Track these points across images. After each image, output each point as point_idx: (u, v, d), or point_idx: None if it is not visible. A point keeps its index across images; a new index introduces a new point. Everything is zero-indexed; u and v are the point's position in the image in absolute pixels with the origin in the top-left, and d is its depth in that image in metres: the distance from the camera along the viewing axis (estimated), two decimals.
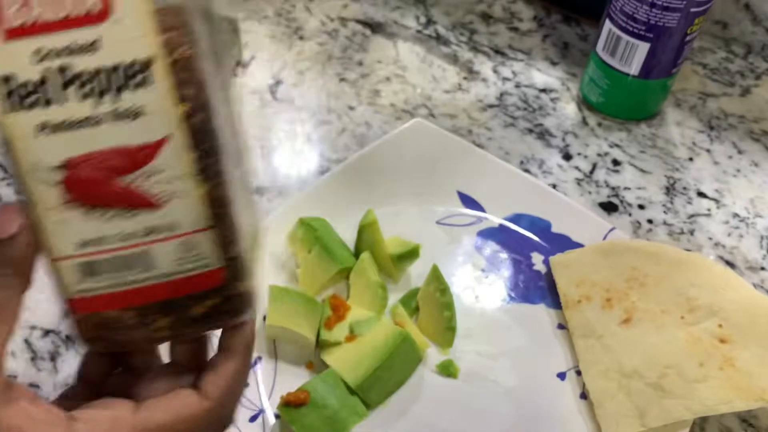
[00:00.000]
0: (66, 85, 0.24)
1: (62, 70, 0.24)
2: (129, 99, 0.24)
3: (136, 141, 0.25)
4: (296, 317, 0.48)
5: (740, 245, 0.58)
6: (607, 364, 0.48)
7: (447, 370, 0.49)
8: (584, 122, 0.68)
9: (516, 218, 0.58)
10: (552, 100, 0.70)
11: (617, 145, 0.66)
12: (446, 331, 0.50)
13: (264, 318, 0.50)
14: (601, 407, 0.47)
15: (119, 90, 0.24)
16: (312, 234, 0.52)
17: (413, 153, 0.60)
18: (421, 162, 0.60)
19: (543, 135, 0.67)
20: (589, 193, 0.62)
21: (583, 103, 0.70)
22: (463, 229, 0.58)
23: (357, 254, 0.54)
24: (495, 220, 0.58)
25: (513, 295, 0.54)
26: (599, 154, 0.65)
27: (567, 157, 0.65)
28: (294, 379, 0.47)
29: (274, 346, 0.49)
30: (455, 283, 0.54)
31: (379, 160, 0.59)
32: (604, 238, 0.55)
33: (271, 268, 0.53)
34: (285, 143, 0.65)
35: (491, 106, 0.69)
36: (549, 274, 0.54)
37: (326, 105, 0.68)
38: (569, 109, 0.69)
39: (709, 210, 0.61)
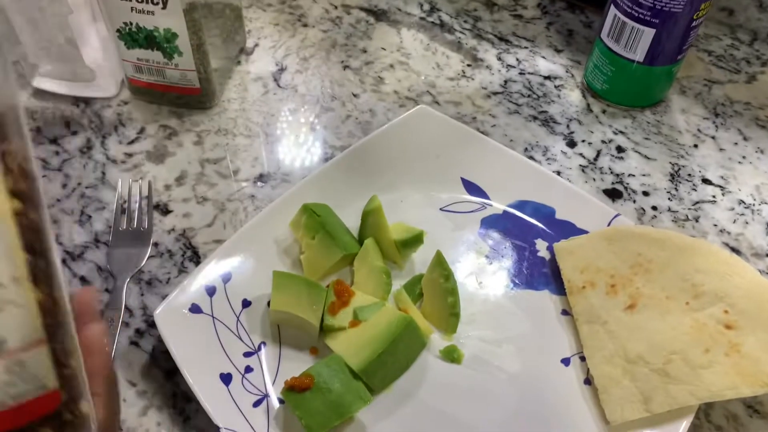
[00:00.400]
0: None
1: None
2: None
3: None
4: (300, 302, 0.48)
5: (746, 232, 0.58)
6: (611, 349, 0.48)
7: (451, 355, 0.49)
8: (588, 109, 0.68)
9: (520, 205, 0.58)
10: (556, 87, 0.70)
11: (622, 132, 0.66)
12: (450, 317, 0.50)
13: (268, 303, 0.50)
14: (605, 393, 0.46)
15: None
16: (315, 220, 0.51)
17: (417, 140, 0.60)
18: (426, 149, 0.60)
19: (547, 122, 0.66)
20: (594, 180, 0.62)
21: (588, 90, 0.69)
22: (467, 216, 0.57)
23: (361, 241, 0.54)
24: (499, 206, 0.58)
25: (517, 281, 0.54)
26: (603, 141, 0.65)
27: (571, 144, 0.64)
28: (298, 364, 0.47)
29: (278, 332, 0.49)
30: (459, 270, 0.54)
31: (383, 147, 0.59)
32: (609, 224, 0.55)
33: (275, 255, 0.53)
34: (289, 130, 0.64)
35: (495, 93, 0.69)
36: (553, 261, 0.54)
37: (330, 92, 0.68)
38: (573, 97, 0.69)
39: (714, 197, 0.61)
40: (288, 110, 0.66)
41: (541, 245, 0.56)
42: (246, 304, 0.50)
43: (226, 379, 0.46)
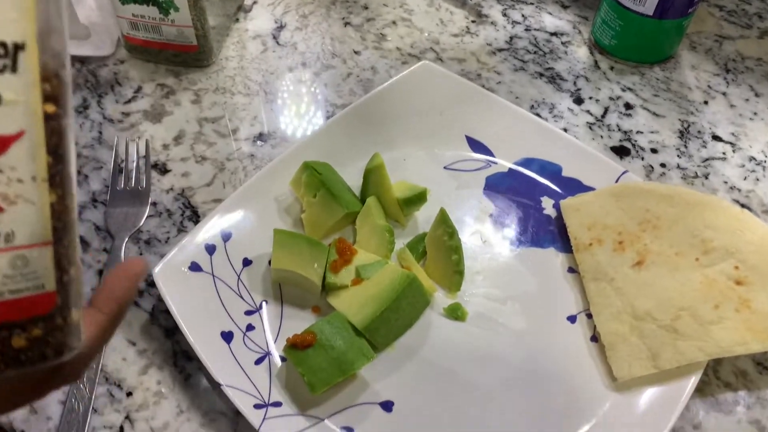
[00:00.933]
0: None
1: None
2: None
3: None
4: (302, 261, 0.47)
5: (756, 189, 0.57)
6: (619, 306, 0.47)
7: (455, 313, 0.48)
8: (596, 66, 0.66)
9: (526, 162, 0.56)
10: (563, 43, 0.68)
11: (630, 89, 0.64)
12: (454, 275, 0.49)
13: (269, 262, 0.49)
14: (612, 350, 0.46)
15: None
16: (316, 178, 0.50)
17: (421, 97, 0.58)
18: (429, 106, 0.58)
19: (554, 79, 0.65)
20: (601, 137, 0.60)
21: (595, 46, 0.67)
22: (472, 174, 0.56)
23: (363, 199, 0.52)
24: (504, 164, 0.57)
25: (522, 239, 0.52)
26: (611, 98, 0.63)
27: (578, 101, 0.63)
28: (300, 323, 0.46)
29: (279, 291, 0.48)
30: (463, 229, 0.53)
31: (385, 104, 0.57)
32: (616, 181, 0.53)
33: (275, 214, 0.52)
34: (289, 89, 0.63)
35: (500, 50, 0.67)
36: (559, 218, 0.53)
37: (330, 49, 0.66)
38: (581, 53, 0.67)
39: (724, 153, 0.59)
40: (287, 68, 0.64)
41: (547, 203, 0.55)
42: (247, 262, 0.49)
43: (227, 337, 0.45)
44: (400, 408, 0.44)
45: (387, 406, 0.44)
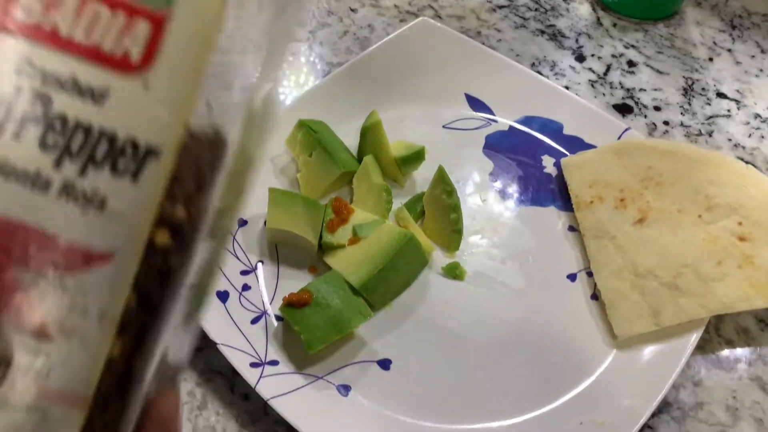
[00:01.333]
0: (34, 119, 0.16)
1: (42, 98, 0.16)
2: (100, 182, 0.17)
3: (74, 237, 0.17)
4: (297, 220, 0.46)
5: (761, 146, 0.56)
6: (620, 264, 0.47)
7: (453, 272, 0.47)
8: (598, 23, 0.64)
9: (527, 120, 0.55)
10: (564, 0, 0.66)
11: (633, 46, 0.63)
12: (452, 234, 0.48)
13: (265, 222, 0.48)
14: (613, 307, 0.45)
15: (95, 164, 0.17)
16: (312, 137, 0.49)
17: (419, 54, 0.57)
18: (427, 63, 0.57)
19: (555, 36, 0.63)
20: (603, 95, 0.59)
21: (598, 3, 0.66)
22: (471, 133, 0.55)
23: (360, 158, 0.52)
24: (505, 122, 0.55)
25: (522, 198, 0.52)
26: (614, 56, 0.62)
27: (580, 58, 0.61)
28: (296, 282, 0.46)
29: (275, 251, 0.48)
30: (463, 188, 0.52)
31: (383, 62, 0.56)
32: (618, 138, 0.52)
33: (270, 173, 0.51)
34: None
35: (501, 6, 0.65)
36: (560, 177, 0.52)
37: (326, 6, 0.65)
38: (583, 10, 0.66)
39: (729, 111, 0.58)
40: None
41: (547, 161, 0.54)
42: (242, 223, 0.48)
43: (222, 296, 0.44)
44: (397, 366, 0.43)
45: (384, 364, 0.43)
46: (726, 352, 0.45)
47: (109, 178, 0.17)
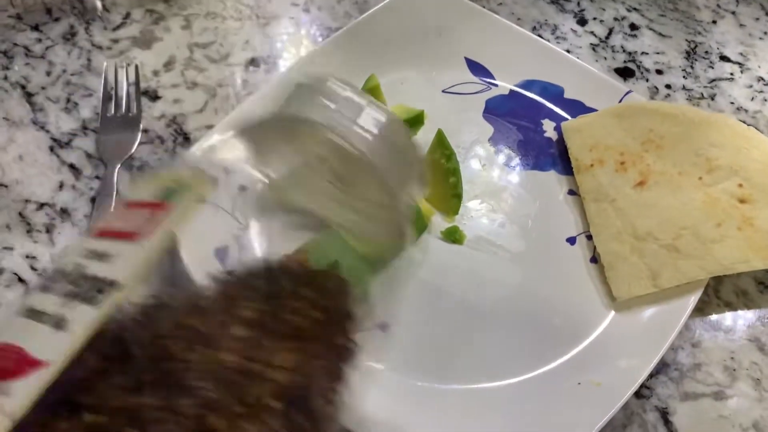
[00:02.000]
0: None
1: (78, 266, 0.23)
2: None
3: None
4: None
5: (764, 109, 0.55)
6: (619, 227, 0.46)
7: (452, 236, 0.47)
8: None
9: (527, 84, 0.55)
10: None
11: (635, 9, 0.62)
12: (452, 198, 0.48)
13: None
14: (612, 269, 0.45)
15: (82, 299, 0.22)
16: None
17: (418, 17, 0.56)
18: (427, 27, 0.56)
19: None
20: (605, 58, 0.58)
21: None
22: (471, 98, 0.55)
23: None
24: (505, 86, 0.55)
25: (522, 162, 0.51)
26: (616, 19, 0.61)
27: (582, 21, 0.61)
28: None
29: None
30: (462, 153, 0.51)
31: (382, 25, 0.55)
32: (620, 101, 0.52)
33: None
34: (281, 12, 0.61)
35: None
36: (560, 141, 0.52)
37: None
38: None
39: (732, 74, 0.57)
40: None
41: (548, 126, 0.53)
42: (241, 188, 0.48)
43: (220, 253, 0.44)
44: (397, 329, 0.43)
45: (383, 327, 0.44)
46: (725, 314, 0.45)
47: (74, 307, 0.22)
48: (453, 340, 0.43)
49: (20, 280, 0.45)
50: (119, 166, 0.50)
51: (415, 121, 0.50)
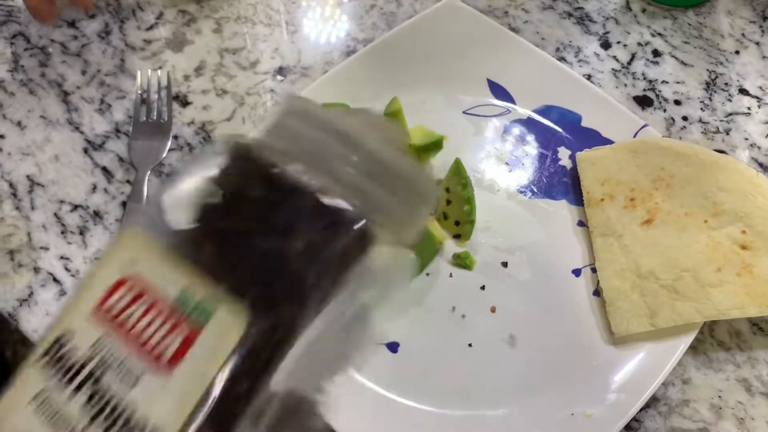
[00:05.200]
0: (90, 385, 0.22)
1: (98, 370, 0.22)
2: None
3: None
4: None
5: None
6: (623, 263, 0.48)
7: (464, 261, 0.49)
8: (627, 7, 0.64)
9: (546, 110, 0.56)
10: None
11: (660, 34, 0.62)
12: (465, 224, 0.50)
13: None
14: (612, 305, 0.47)
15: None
16: None
17: (444, 36, 0.57)
18: (452, 46, 0.57)
19: (582, 20, 0.63)
20: (625, 85, 0.59)
21: None
22: (491, 120, 0.56)
23: None
24: (524, 111, 0.56)
25: (535, 189, 0.53)
26: (640, 44, 0.62)
27: (606, 45, 0.61)
28: None
29: None
30: (477, 176, 0.53)
31: (407, 43, 0.57)
32: (635, 135, 0.53)
33: None
34: (310, 20, 0.62)
35: None
36: (574, 170, 0.54)
37: None
38: None
39: (749, 108, 0.58)
40: None
41: (563, 153, 0.55)
42: None
43: None
44: (405, 349, 0.46)
45: (393, 347, 0.46)
46: (717, 354, 0.47)
47: None
48: (457, 362, 0.46)
49: (55, 280, 0.48)
50: (149, 172, 0.53)
51: (435, 146, 0.52)
